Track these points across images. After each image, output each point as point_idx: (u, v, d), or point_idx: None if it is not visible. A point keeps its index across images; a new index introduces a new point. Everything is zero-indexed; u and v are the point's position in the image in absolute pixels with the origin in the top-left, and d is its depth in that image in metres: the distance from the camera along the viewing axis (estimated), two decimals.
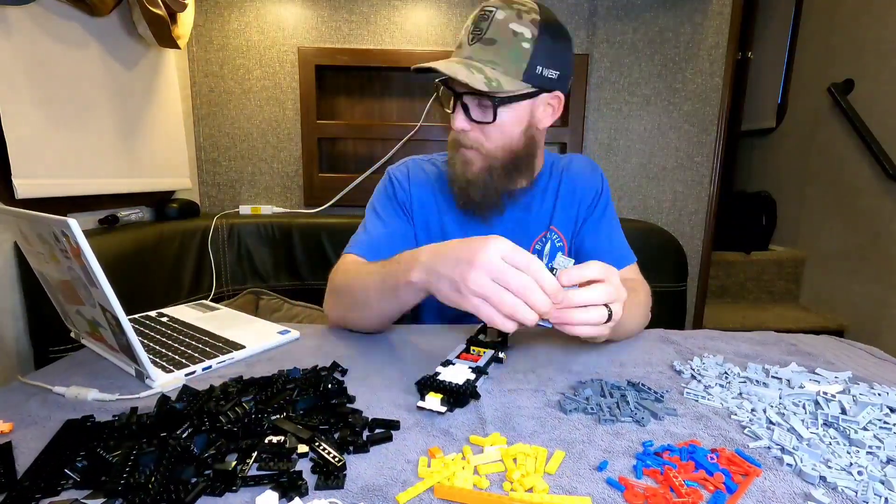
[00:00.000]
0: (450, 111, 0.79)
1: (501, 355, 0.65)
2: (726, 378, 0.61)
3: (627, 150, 1.71)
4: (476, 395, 0.54)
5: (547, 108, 0.80)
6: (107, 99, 1.18)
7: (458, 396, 0.53)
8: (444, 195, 0.89)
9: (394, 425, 0.48)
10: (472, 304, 0.51)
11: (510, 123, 0.77)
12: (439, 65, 0.71)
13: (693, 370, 0.63)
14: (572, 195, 0.90)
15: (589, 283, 0.53)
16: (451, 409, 0.52)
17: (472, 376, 0.56)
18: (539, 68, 0.73)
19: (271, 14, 1.59)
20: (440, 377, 0.56)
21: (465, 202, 0.83)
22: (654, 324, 0.83)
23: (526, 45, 0.72)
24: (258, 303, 1.42)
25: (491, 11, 0.73)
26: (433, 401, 0.52)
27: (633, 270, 0.88)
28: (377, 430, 0.48)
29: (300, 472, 0.40)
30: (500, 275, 0.50)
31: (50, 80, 1.01)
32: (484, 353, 0.65)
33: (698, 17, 1.63)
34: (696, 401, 0.56)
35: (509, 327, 0.50)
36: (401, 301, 0.66)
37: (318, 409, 0.51)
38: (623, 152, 1.71)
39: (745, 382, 0.59)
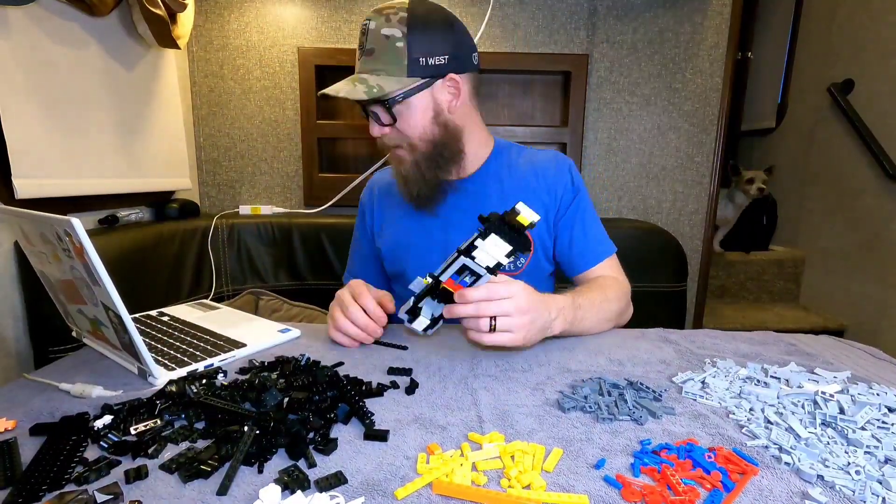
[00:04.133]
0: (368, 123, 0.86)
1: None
2: (727, 378, 0.61)
3: (627, 150, 1.71)
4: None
5: (449, 91, 0.83)
6: (107, 99, 1.18)
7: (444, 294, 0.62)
8: (399, 195, 0.94)
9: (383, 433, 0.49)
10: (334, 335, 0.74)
11: (414, 117, 0.81)
12: (329, 90, 0.79)
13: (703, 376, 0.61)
14: (536, 191, 0.91)
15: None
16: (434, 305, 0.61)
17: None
18: (421, 59, 0.77)
19: (271, 14, 1.59)
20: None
21: (409, 197, 0.89)
22: (654, 324, 0.83)
23: (399, 45, 0.76)
24: (258, 303, 1.43)
25: (366, 24, 0.79)
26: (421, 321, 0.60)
27: (608, 265, 0.90)
28: (375, 429, 0.48)
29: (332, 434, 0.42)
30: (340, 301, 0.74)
31: (50, 80, 1.01)
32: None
33: (698, 17, 1.63)
34: (695, 400, 0.56)
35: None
36: None
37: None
38: (623, 152, 1.71)
39: (746, 382, 0.59)
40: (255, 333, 0.75)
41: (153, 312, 0.88)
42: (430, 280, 0.63)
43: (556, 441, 0.47)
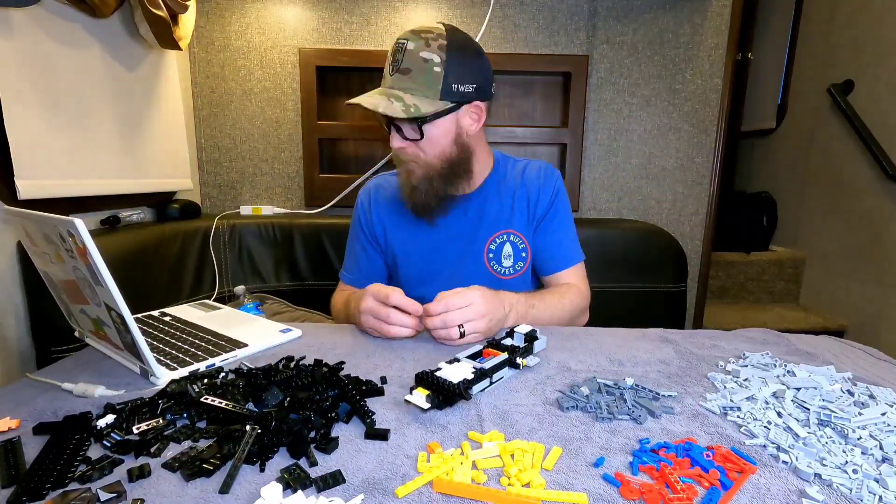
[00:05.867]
0: (387, 131, 0.89)
1: (519, 361, 0.63)
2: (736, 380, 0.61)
3: (627, 150, 1.71)
4: (466, 396, 0.52)
5: (472, 117, 0.89)
6: (108, 100, 1.18)
7: (446, 395, 0.52)
8: (400, 203, 0.98)
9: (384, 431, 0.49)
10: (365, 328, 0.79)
11: (438, 137, 0.86)
12: (363, 100, 0.82)
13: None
14: (527, 199, 0.98)
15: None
16: (438, 407, 0.52)
17: (471, 377, 0.55)
18: (454, 86, 0.83)
19: (272, 15, 1.60)
20: (438, 373, 0.55)
21: (412, 206, 0.93)
22: (654, 324, 0.83)
23: (437, 70, 0.82)
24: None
25: (403, 43, 0.83)
26: (419, 396, 0.51)
27: (573, 272, 0.98)
28: (376, 428, 0.48)
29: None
30: (372, 311, 0.76)
31: (52, 81, 1.02)
32: (498, 355, 0.62)
33: (698, 18, 1.63)
34: (694, 399, 0.56)
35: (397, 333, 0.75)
36: None
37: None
38: (623, 153, 1.71)
39: (748, 380, 0.59)
40: (256, 333, 0.75)
41: (155, 312, 0.88)
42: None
43: (555, 440, 0.47)
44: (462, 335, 0.71)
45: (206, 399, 0.50)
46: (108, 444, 0.45)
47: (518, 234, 0.97)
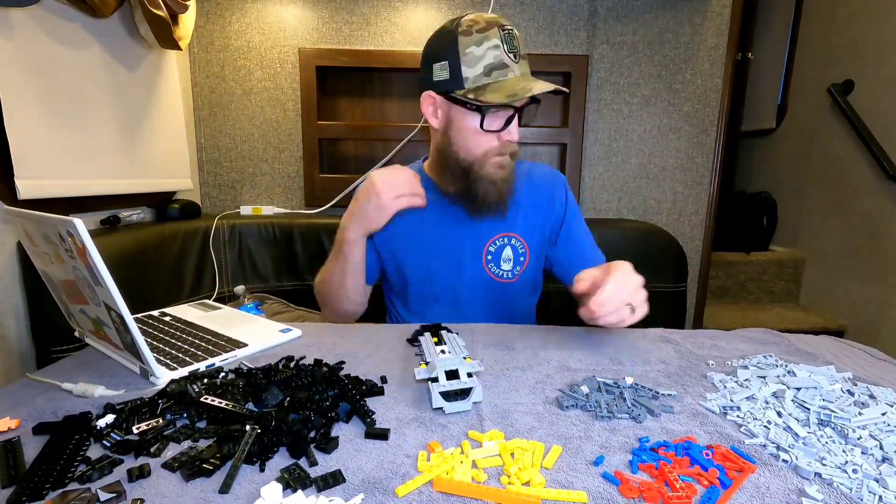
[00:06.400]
0: (496, 130, 0.83)
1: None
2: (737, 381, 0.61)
3: (627, 150, 1.71)
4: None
5: None
6: (108, 100, 1.18)
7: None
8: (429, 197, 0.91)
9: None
10: (393, 206, 0.84)
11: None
12: (542, 87, 0.79)
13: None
14: (534, 204, 0.96)
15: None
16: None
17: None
18: None
19: (272, 15, 1.60)
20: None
21: (480, 206, 0.88)
22: (654, 324, 0.83)
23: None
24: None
25: (511, 30, 0.81)
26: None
27: None
28: (376, 427, 0.48)
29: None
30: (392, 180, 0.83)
31: (52, 81, 1.02)
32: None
33: (698, 18, 1.63)
34: (694, 399, 0.56)
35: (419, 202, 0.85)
36: (352, 259, 0.90)
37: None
38: (623, 153, 1.71)
39: (748, 380, 0.59)
40: (256, 333, 0.75)
41: (155, 312, 0.88)
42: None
43: (555, 438, 0.47)
44: (633, 311, 0.69)
45: (206, 399, 0.50)
46: (108, 444, 0.45)
47: (519, 238, 0.95)
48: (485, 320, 0.86)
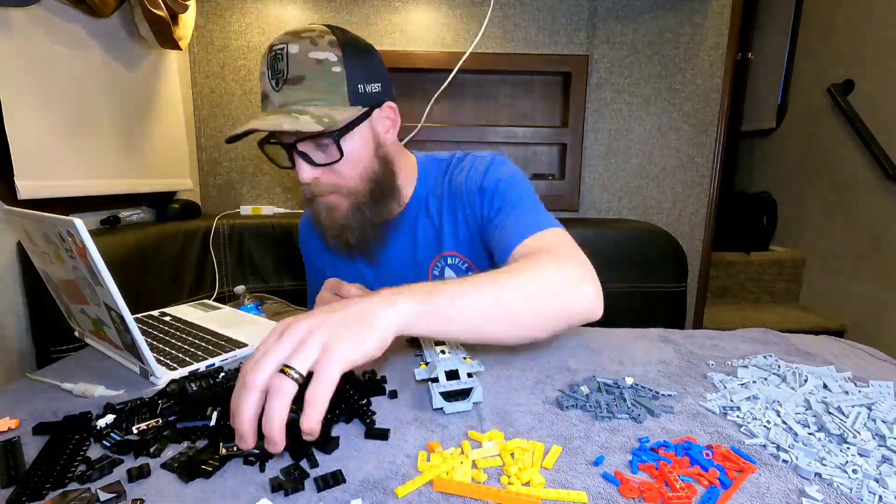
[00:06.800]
0: (288, 167, 0.74)
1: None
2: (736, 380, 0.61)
3: (627, 150, 1.71)
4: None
5: (385, 122, 0.75)
6: (108, 100, 1.18)
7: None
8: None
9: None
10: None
11: (358, 151, 0.72)
12: (257, 124, 0.66)
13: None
14: (455, 213, 0.82)
15: None
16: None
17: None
18: (360, 87, 0.69)
19: (272, 15, 1.60)
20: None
21: (345, 247, 0.79)
22: (654, 324, 0.83)
23: (337, 69, 0.67)
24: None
25: (282, 49, 0.66)
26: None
27: (537, 239, 0.68)
28: (377, 427, 0.48)
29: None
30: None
31: (52, 81, 1.02)
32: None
33: (698, 18, 1.63)
34: (694, 399, 0.56)
35: None
36: None
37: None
38: (623, 153, 1.71)
39: (746, 382, 0.59)
40: (256, 333, 0.75)
41: (155, 313, 0.88)
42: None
43: (555, 439, 0.47)
44: (298, 383, 0.40)
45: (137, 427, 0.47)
46: (108, 444, 0.45)
47: (457, 255, 0.83)
48: None
